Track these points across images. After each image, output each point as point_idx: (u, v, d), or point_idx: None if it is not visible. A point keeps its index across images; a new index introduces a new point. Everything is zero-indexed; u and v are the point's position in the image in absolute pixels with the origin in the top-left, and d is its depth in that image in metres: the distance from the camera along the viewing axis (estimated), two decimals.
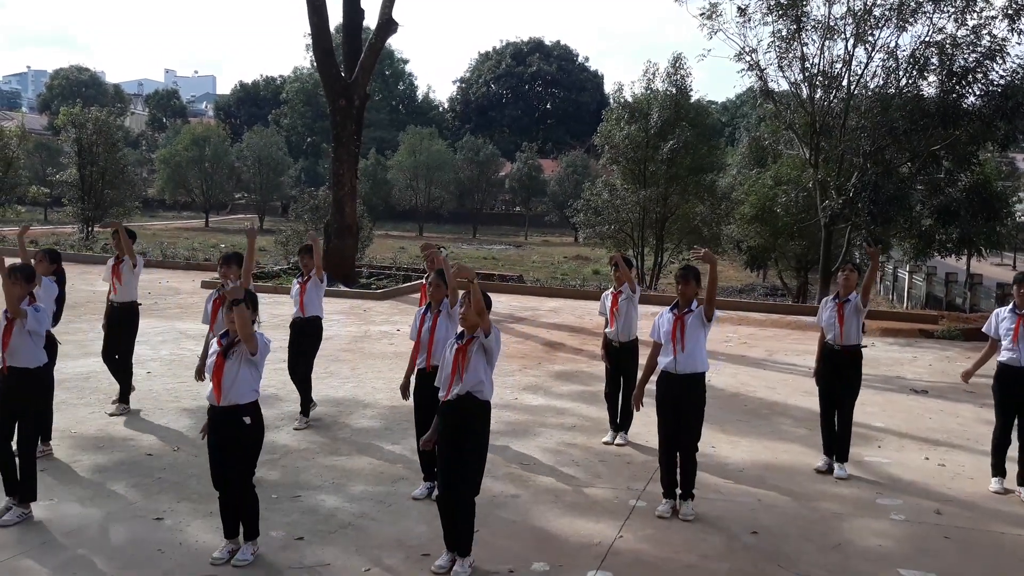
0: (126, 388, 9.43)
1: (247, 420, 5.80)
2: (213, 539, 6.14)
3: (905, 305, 29.81)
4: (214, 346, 5.95)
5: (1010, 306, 7.64)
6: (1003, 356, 7.57)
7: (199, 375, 7.57)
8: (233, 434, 5.77)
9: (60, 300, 8.40)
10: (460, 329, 5.98)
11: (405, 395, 7.30)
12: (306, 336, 9.28)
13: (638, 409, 7.21)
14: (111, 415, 9.18)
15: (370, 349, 13.50)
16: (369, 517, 6.69)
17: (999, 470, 7.69)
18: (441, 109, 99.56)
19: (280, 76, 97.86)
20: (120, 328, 9.40)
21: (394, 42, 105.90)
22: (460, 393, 5.73)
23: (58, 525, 6.36)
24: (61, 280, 8.43)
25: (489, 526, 6.52)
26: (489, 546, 6.18)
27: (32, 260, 7.96)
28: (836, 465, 8.04)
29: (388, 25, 21.65)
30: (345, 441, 8.63)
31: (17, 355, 6.47)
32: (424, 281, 8.28)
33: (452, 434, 5.77)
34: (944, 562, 6.18)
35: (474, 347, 5.76)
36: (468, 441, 5.74)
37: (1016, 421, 7.65)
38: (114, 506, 6.75)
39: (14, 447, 6.51)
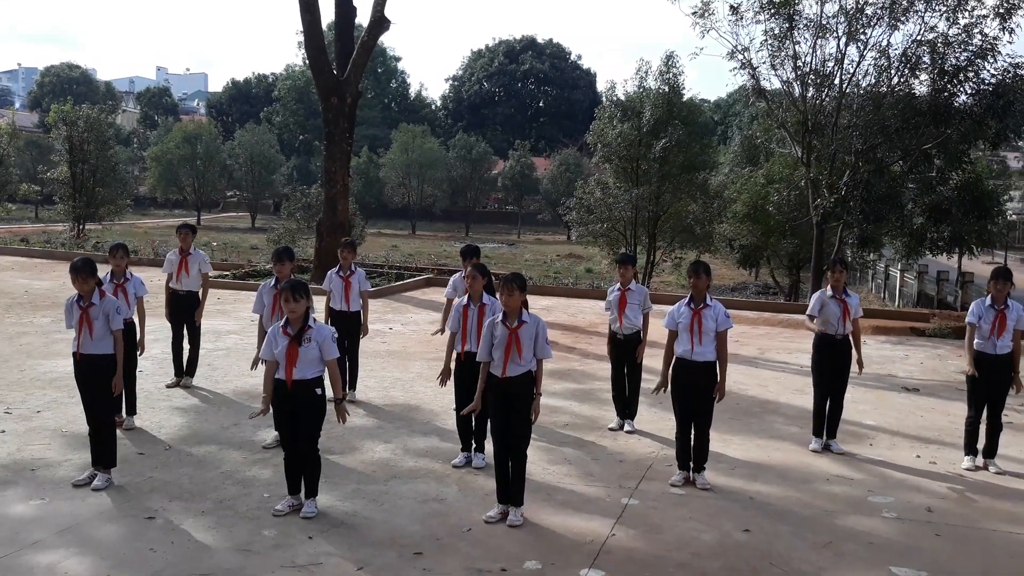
0: (195, 360, 10.71)
1: (319, 391, 6.53)
2: (205, 537, 6.13)
3: (896, 303, 29.91)
4: (281, 335, 6.45)
5: (988, 299, 8.12)
6: (977, 344, 8.15)
7: (255, 365, 8.18)
8: (306, 404, 6.49)
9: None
10: (502, 311, 6.67)
11: (446, 379, 7.91)
12: (353, 326, 10.21)
13: (663, 390, 7.68)
14: (187, 387, 10.44)
15: (362, 347, 13.42)
16: (362, 516, 6.68)
17: (971, 449, 8.30)
18: (434, 107, 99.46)
19: (272, 74, 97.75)
20: (189, 313, 10.54)
21: (386, 40, 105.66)
22: (515, 373, 6.55)
23: (50, 523, 6.34)
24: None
25: (482, 524, 6.53)
26: (481, 544, 6.19)
27: (111, 256, 9.16)
28: (834, 443, 8.72)
29: (380, 23, 21.63)
30: (337, 439, 8.61)
31: (95, 344, 7.15)
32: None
33: (507, 403, 6.60)
34: (935, 559, 6.20)
35: (524, 332, 6.56)
36: (521, 407, 6.59)
37: (986, 403, 8.22)
38: (105, 505, 6.73)
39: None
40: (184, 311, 10.50)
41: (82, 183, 33.95)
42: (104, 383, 7.18)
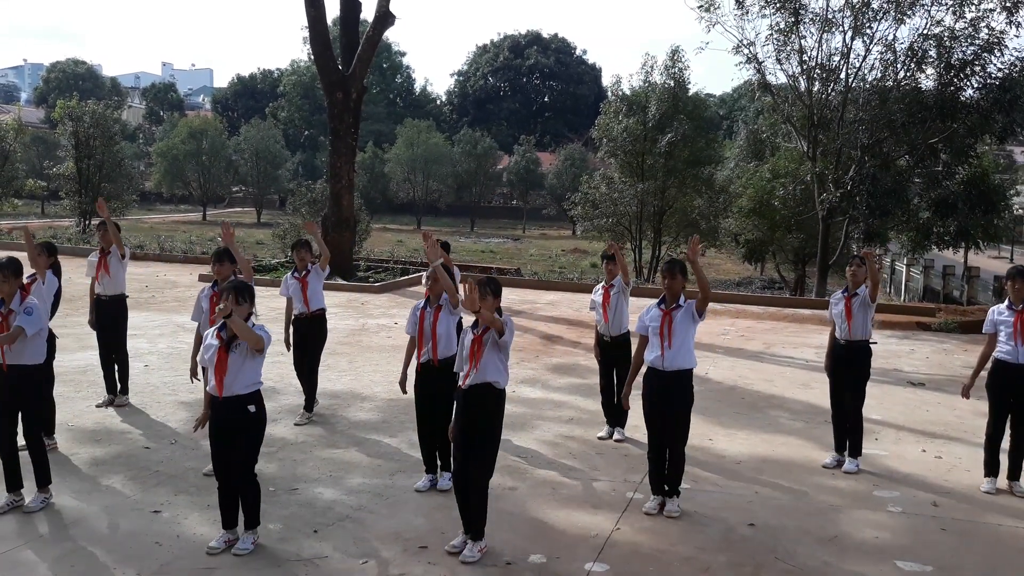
0: (125, 378, 9.42)
1: (252, 409, 5.81)
2: (211, 531, 6.15)
3: (902, 298, 29.88)
4: (213, 339, 5.83)
5: (1005, 303, 7.47)
6: (999, 353, 7.37)
7: (194, 375, 7.52)
8: (237, 423, 5.74)
9: (56, 293, 8.33)
10: (475, 318, 6.03)
11: (404, 389, 7.24)
12: (313, 332, 9.23)
13: (626, 408, 7.19)
14: (115, 406, 9.21)
15: (368, 342, 13.50)
16: (367, 510, 6.69)
17: (992, 469, 7.55)
18: (439, 102, 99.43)
19: (277, 69, 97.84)
20: (114, 323, 9.35)
21: (391, 35, 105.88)
22: (476, 382, 5.91)
23: (56, 518, 6.37)
24: (57, 273, 8.29)
25: (487, 518, 6.53)
26: (487, 538, 6.18)
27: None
28: (847, 460, 7.94)
29: (385, 18, 21.61)
30: (343, 434, 8.64)
31: (17, 353, 6.40)
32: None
33: (467, 420, 5.95)
34: (941, 554, 6.20)
35: (488, 337, 5.92)
36: (483, 427, 5.92)
37: (1009, 417, 7.44)
38: (112, 499, 6.76)
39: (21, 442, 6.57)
40: (106, 318, 9.31)
41: (88, 179, 34.03)
42: (32, 396, 6.57)
